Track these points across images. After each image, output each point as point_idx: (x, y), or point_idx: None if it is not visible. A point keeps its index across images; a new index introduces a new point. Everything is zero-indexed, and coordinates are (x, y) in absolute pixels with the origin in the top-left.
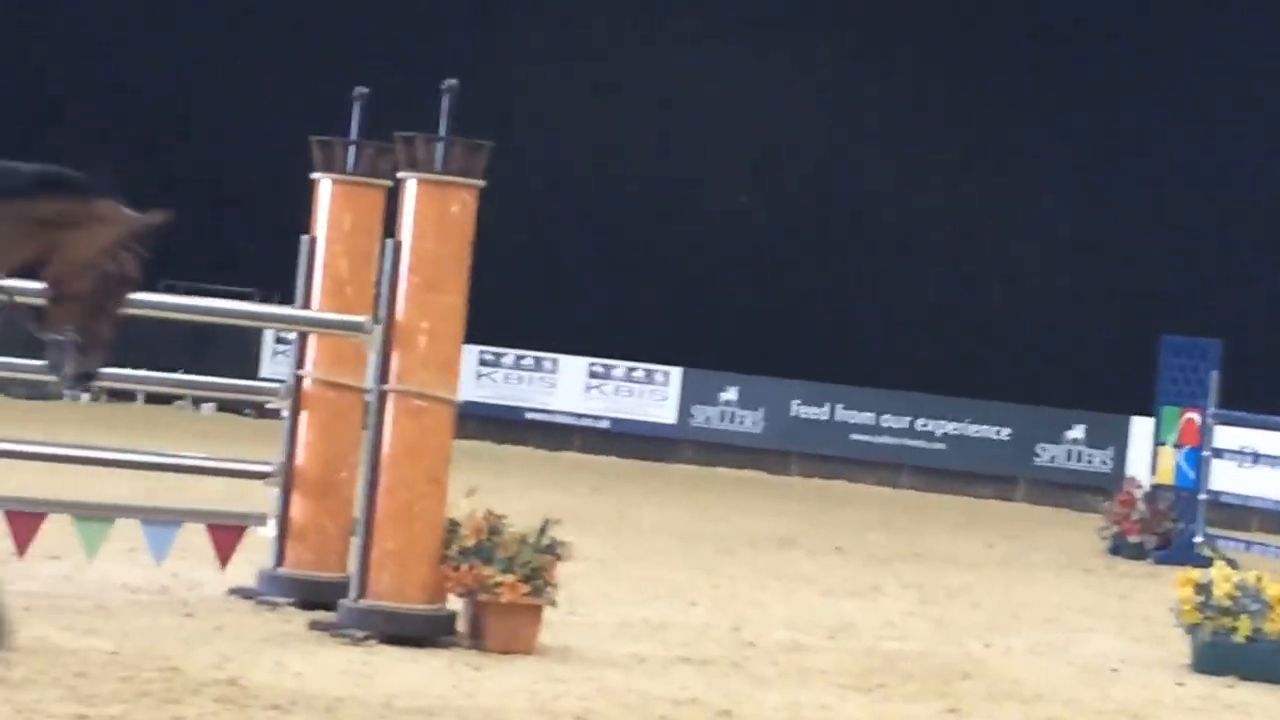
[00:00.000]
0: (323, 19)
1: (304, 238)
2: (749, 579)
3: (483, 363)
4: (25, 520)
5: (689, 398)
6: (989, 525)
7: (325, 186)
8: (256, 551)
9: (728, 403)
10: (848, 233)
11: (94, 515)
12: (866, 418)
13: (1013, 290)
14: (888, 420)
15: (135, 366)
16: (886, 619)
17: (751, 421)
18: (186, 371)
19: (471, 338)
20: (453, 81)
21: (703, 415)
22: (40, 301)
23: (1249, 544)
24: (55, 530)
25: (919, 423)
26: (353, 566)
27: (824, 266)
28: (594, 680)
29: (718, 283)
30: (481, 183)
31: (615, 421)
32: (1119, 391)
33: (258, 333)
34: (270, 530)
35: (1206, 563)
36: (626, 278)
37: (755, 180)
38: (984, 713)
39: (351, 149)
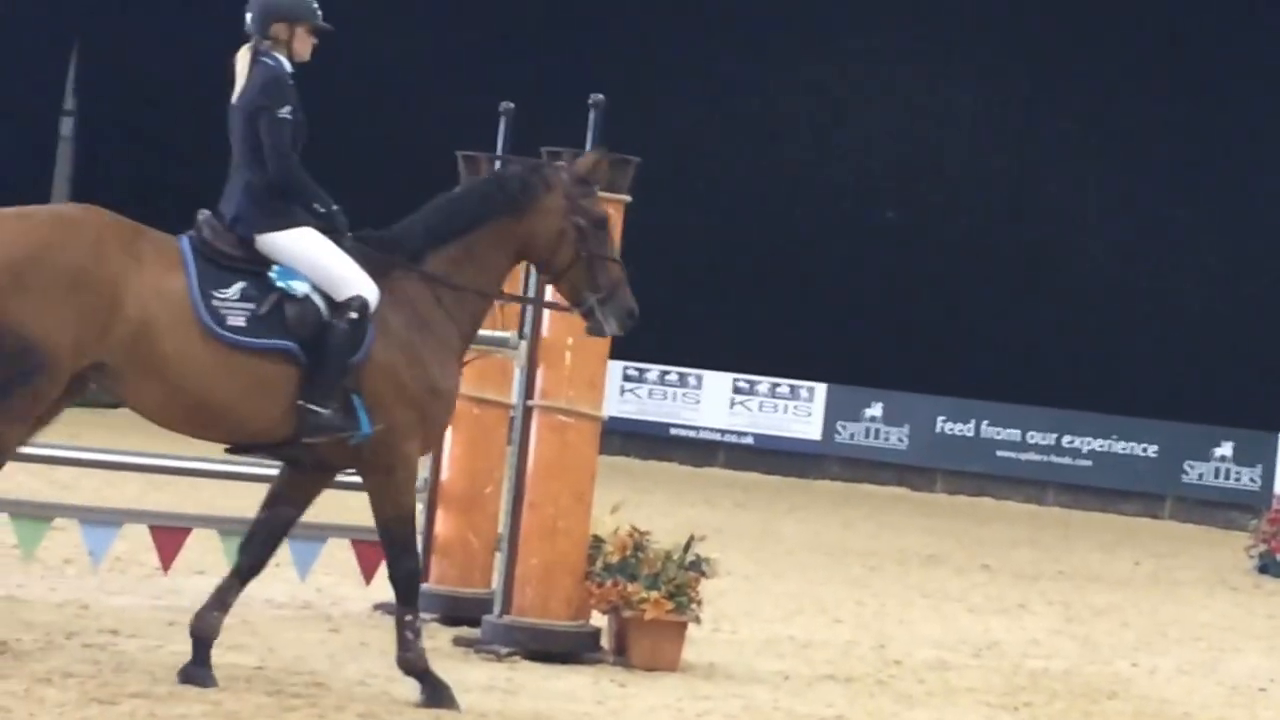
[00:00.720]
0: (468, 32)
1: None
2: (894, 596)
3: (627, 378)
4: (170, 536)
5: (834, 414)
6: (1136, 543)
7: None
8: None
9: (873, 419)
10: (994, 250)
11: (234, 530)
12: (1012, 434)
13: (1160, 306)
14: (1034, 437)
15: None
16: (1032, 637)
17: (897, 438)
18: None
19: (616, 354)
20: (600, 96)
21: (848, 432)
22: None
23: None
24: (198, 545)
25: (1065, 439)
26: (497, 582)
27: (968, 283)
28: (739, 697)
29: (863, 299)
30: (628, 198)
31: (759, 438)
32: (1267, 408)
33: None
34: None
35: None
36: (771, 293)
37: (902, 195)
38: None
39: (497, 164)
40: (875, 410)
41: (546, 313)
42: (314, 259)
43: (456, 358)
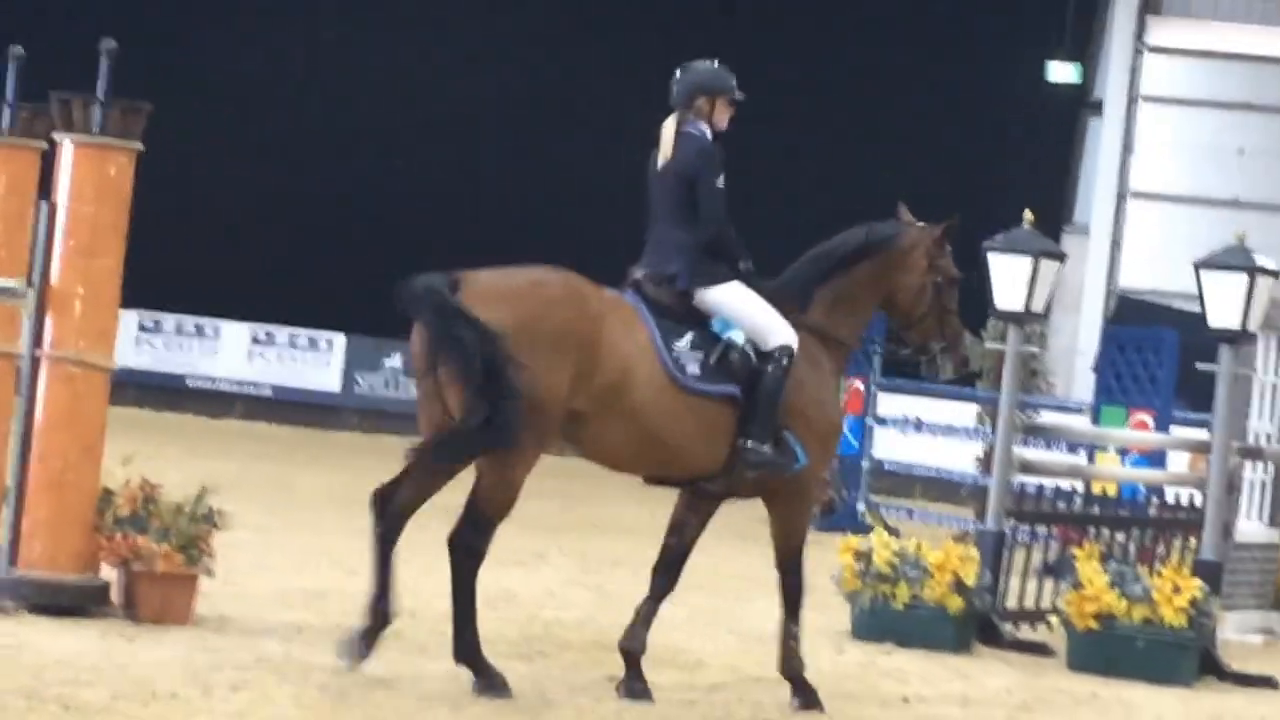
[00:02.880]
0: None
1: None
2: (413, 548)
3: (142, 329)
4: None
5: (353, 364)
6: (654, 495)
7: None
8: None
9: (393, 370)
10: (514, 204)
11: None
12: None
13: None
14: None
15: None
16: (548, 588)
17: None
18: None
19: (130, 303)
20: (111, 42)
21: (367, 383)
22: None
23: (911, 511)
24: None
25: None
26: (3, 536)
27: (491, 232)
28: (251, 650)
29: (381, 248)
30: (140, 146)
31: (278, 389)
32: None
33: None
34: None
35: (869, 530)
36: (290, 243)
37: (410, 146)
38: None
39: (6, 110)
40: (395, 361)
41: (56, 260)
42: (745, 310)
43: (835, 391)
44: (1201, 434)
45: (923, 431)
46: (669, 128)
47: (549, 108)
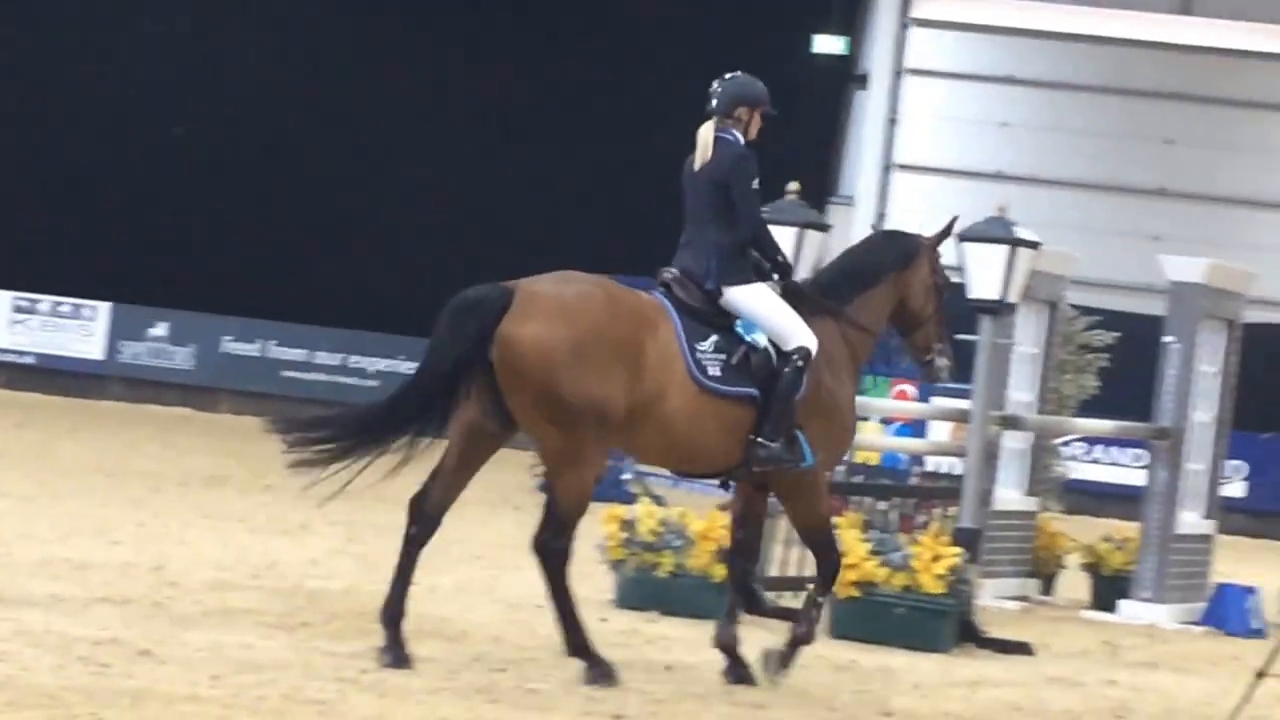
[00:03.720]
0: None
1: None
2: (176, 517)
3: None
4: None
5: (117, 333)
6: (422, 463)
7: None
8: None
9: (157, 338)
10: (281, 170)
11: None
12: (299, 354)
13: (437, 226)
14: (320, 357)
15: None
16: (313, 557)
17: (181, 358)
18: None
19: None
20: None
21: (131, 351)
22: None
23: (676, 480)
24: None
25: (352, 360)
26: None
27: (255, 202)
28: (10, 620)
29: (147, 217)
30: None
31: (41, 357)
32: None
33: None
34: None
35: (634, 500)
36: (53, 210)
37: (189, 112)
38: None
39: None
40: (160, 330)
41: None
42: (768, 313)
43: (853, 392)
44: (962, 404)
45: None
46: (707, 133)
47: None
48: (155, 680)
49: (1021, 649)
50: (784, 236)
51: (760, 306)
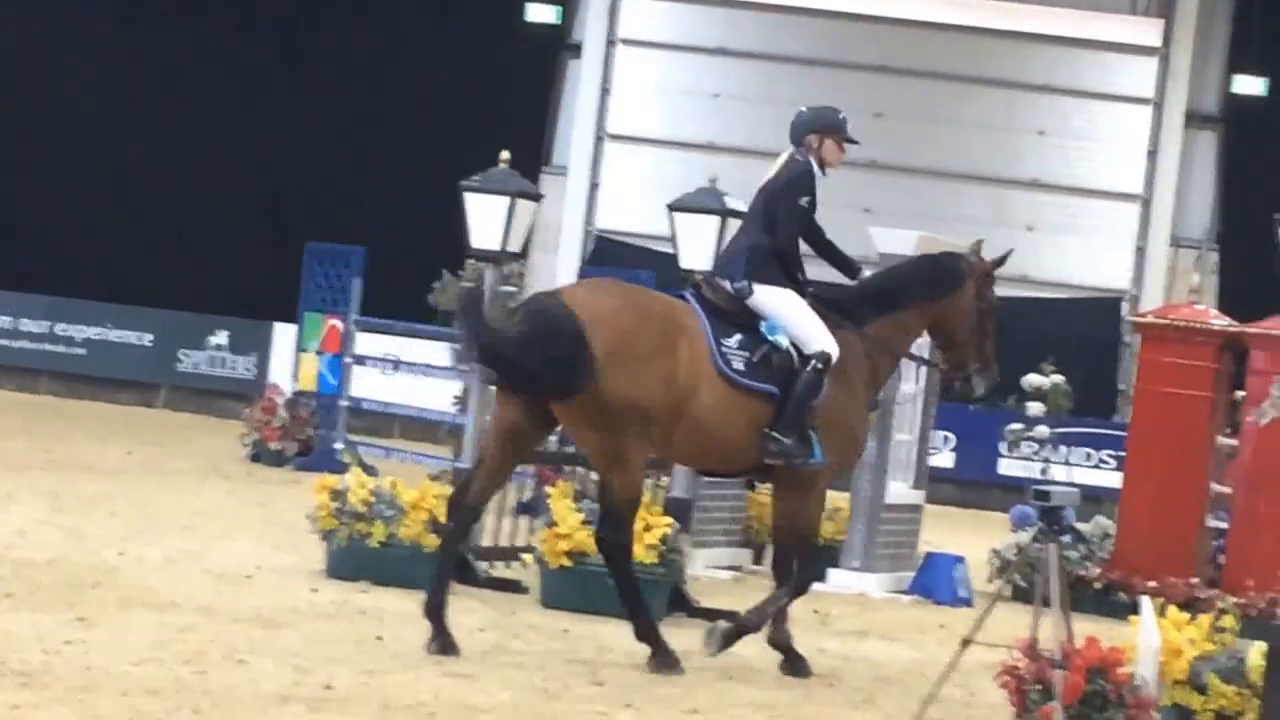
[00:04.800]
0: None
1: None
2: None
3: None
4: None
5: None
6: (130, 432)
7: None
8: None
9: None
10: None
11: None
12: (4, 321)
13: (161, 195)
14: (26, 324)
15: None
16: (18, 528)
17: None
18: None
19: None
20: None
21: None
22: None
23: (389, 450)
24: None
25: (59, 327)
26: None
27: None
28: None
29: None
30: None
31: None
32: (261, 298)
33: None
34: None
35: (346, 469)
36: None
37: None
38: (115, 621)
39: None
40: None
41: None
42: (793, 316)
43: (865, 407)
44: None
45: (401, 371)
46: (783, 157)
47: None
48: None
49: (728, 618)
50: (495, 206)
51: (785, 309)
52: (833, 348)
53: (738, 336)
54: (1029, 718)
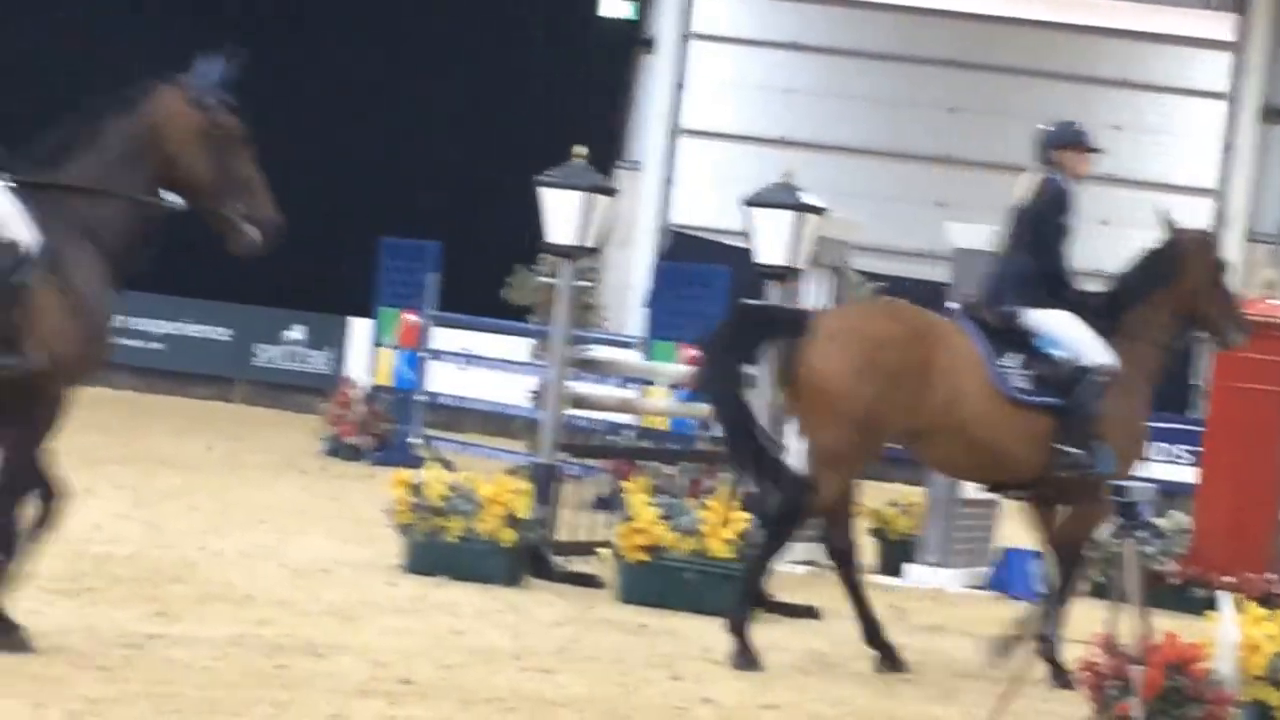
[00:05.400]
0: None
1: None
2: None
3: None
4: None
5: None
6: (207, 427)
7: None
8: None
9: None
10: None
11: None
12: None
13: None
14: None
15: None
16: (96, 522)
17: None
18: None
19: None
20: None
21: None
22: None
23: (465, 445)
24: None
25: (136, 322)
26: None
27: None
28: None
29: None
30: None
31: None
32: (337, 293)
33: None
34: None
35: (422, 464)
36: None
37: None
38: (194, 615)
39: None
40: None
41: None
42: (1067, 332)
43: (1143, 408)
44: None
45: (475, 365)
46: (1026, 179)
47: None
48: None
49: (808, 613)
50: (571, 201)
51: (1060, 327)
52: (1111, 359)
53: (1014, 354)
54: (1107, 714)
